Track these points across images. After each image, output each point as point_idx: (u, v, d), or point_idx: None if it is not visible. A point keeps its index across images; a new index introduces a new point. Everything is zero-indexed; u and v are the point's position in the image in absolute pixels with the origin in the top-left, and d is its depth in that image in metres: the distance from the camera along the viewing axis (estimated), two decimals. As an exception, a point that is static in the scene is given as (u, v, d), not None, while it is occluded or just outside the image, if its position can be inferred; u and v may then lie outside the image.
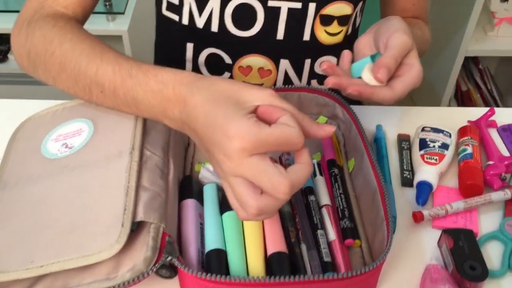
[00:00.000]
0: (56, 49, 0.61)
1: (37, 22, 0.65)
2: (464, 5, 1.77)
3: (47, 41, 0.62)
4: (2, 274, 0.51)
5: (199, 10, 0.75)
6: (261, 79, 0.80)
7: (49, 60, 0.61)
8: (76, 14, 0.69)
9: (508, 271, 0.58)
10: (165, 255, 0.51)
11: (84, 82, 0.58)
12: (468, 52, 1.87)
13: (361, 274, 0.51)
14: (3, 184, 0.60)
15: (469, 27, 1.78)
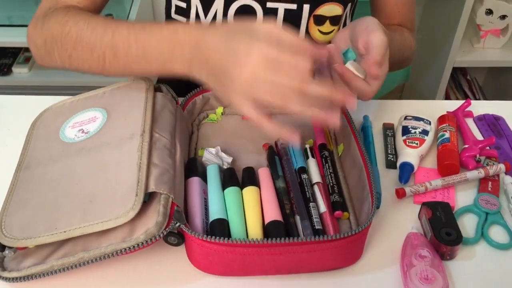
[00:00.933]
0: (72, 28, 0.67)
1: (52, 13, 0.71)
2: (451, 18, 1.85)
3: (62, 24, 0.68)
4: (29, 239, 0.57)
5: (204, 12, 0.82)
6: None
7: (65, 39, 0.67)
8: (88, 9, 0.75)
9: (481, 239, 0.65)
10: (174, 221, 0.57)
11: (99, 50, 0.65)
12: (456, 63, 1.94)
13: (349, 236, 0.57)
14: (26, 165, 0.67)
15: (456, 39, 1.86)
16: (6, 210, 0.61)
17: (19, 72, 1.84)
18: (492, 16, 1.87)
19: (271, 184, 0.67)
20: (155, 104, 0.69)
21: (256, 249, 0.57)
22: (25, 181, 0.65)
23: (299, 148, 0.72)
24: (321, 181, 0.68)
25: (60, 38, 0.68)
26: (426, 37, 2.13)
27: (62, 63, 0.70)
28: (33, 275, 0.57)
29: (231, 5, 0.81)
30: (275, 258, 0.58)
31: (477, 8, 1.87)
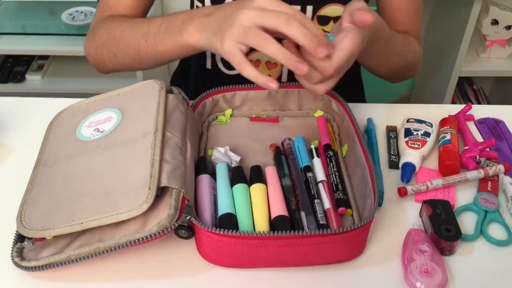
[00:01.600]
0: (116, 31, 0.80)
1: (100, 25, 0.84)
2: (457, 28, 1.88)
3: (108, 30, 0.81)
4: (48, 230, 0.60)
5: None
6: (269, 71, 0.90)
7: (111, 42, 0.80)
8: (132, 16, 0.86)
9: (480, 235, 0.67)
10: (185, 214, 0.60)
11: (135, 42, 0.77)
12: (462, 72, 1.96)
13: (352, 230, 0.60)
14: (44, 162, 0.70)
15: (462, 49, 1.88)
16: (25, 204, 0.64)
17: (32, 80, 1.89)
18: (497, 26, 1.89)
19: (278, 181, 0.69)
20: (167, 105, 0.72)
21: (263, 241, 0.59)
22: (43, 176, 0.68)
23: (305, 148, 0.75)
24: (326, 179, 0.71)
25: (107, 42, 0.81)
26: (432, 47, 2.16)
27: (112, 64, 0.84)
28: (51, 264, 0.60)
29: None
30: (281, 251, 0.61)
31: (482, 18, 1.90)
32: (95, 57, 0.87)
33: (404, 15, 0.90)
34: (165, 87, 0.74)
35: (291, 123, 0.82)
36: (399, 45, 0.82)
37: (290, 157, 0.74)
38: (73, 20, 1.79)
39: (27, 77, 1.89)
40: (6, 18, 1.84)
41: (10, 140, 0.81)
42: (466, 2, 1.78)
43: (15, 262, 0.61)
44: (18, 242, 0.63)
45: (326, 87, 0.68)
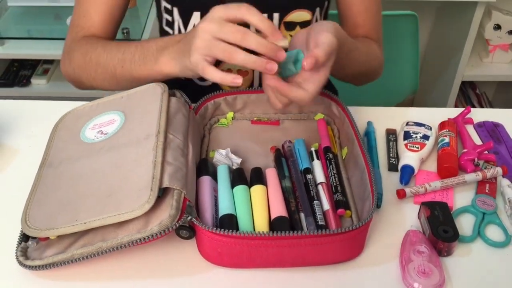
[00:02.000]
0: (92, 55, 0.82)
1: (74, 47, 0.87)
2: (460, 33, 1.88)
3: (83, 54, 0.83)
4: (52, 230, 0.61)
5: (184, 25, 0.89)
6: None
7: (88, 66, 0.83)
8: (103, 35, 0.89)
9: (478, 237, 0.68)
10: (186, 215, 0.61)
11: (112, 67, 0.80)
12: (465, 77, 1.97)
13: (350, 231, 0.61)
14: (48, 164, 0.71)
15: (465, 54, 1.89)
16: (30, 204, 0.66)
17: (38, 84, 1.91)
18: (500, 31, 1.90)
19: (278, 183, 0.70)
20: (170, 107, 0.73)
21: (262, 242, 0.60)
22: (48, 177, 0.69)
23: (305, 150, 0.76)
24: (325, 181, 0.72)
25: (84, 66, 0.84)
26: (435, 51, 2.17)
27: (91, 85, 0.87)
28: (55, 263, 0.61)
29: None
30: (280, 251, 0.61)
31: (485, 23, 1.91)
32: (73, 77, 0.90)
33: (363, 18, 0.92)
34: (168, 90, 0.76)
35: (292, 126, 0.83)
36: (364, 56, 0.84)
37: (290, 160, 0.75)
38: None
39: (33, 81, 1.91)
40: (11, 23, 1.86)
41: (15, 142, 0.82)
42: (468, 7, 1.79)
43: (20, 261, 0.62)
44: (23, 242, 0.64)
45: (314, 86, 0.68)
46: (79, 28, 0.89)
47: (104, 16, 0.89)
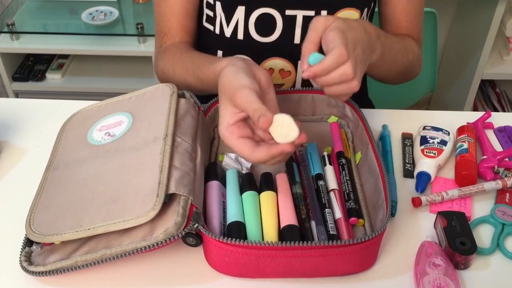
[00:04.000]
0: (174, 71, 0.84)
1: (162, 54, 0.88)
2: (480, 30, 1.84)
3: (168, 67, 0.86)
4: (56, 236, 0.60)
5: (226, 20, 0.86)
6: (282, 79, 0.89)
7: (171, 78, 0.85)
8: (183, 39, 0.90)
9: (497, 249, 0.65)
10: (193, 222, 0.59)
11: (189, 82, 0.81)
12: (484, 75, 1.93)
13: (363, 242, 0.58)
14: (55, 165, 0.70)
15: (485, 51, 1.85)
16: (35, 208, 0.64)
17: (53, 78, 1.90)
18: (522, 28, 1.85)
19: (288, 189, 0.68)
20: (178, 109, 0.71)
21: (271, 252, 0.58)
22: (53, 181, 0.68)
23: (317, 155, 0.74)
24: (338, 188, 0.70)
25: (167, 76, 0.86)
26: (454, 49, 2.13)
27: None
28: (58, 269, 0.60)
29: (252, 13, 0.84)
30: (290, 261, 0.59)
31: (506, 20, 1.86)
32: (161, 77, 0.90)
33: (407, 19, 0.90)
34: (177, 91, 0.74)
35: (304, 129, 0.80)
36: (398, 54, 0.82)
37: (302, 164, 0.72)
38: (93, 19, 1.80)
39: (47, 76, 1.90)
40: (27, 18, 1.86)
41: (23, 142, 0.81)
42: (490, 3, 1.74)
43: (23, 266, 0.61)
44: (27, 247, 0.63)
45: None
46: (162, 34, 0.91)
47: (180, 15, 0.89)
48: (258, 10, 0.83)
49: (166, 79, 0.87)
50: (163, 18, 0.90)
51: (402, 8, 0.89)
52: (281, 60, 0.87)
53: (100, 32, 1.77)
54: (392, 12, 0.90)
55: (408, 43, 0.88)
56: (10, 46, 1.77)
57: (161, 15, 0.90)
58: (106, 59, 1.88)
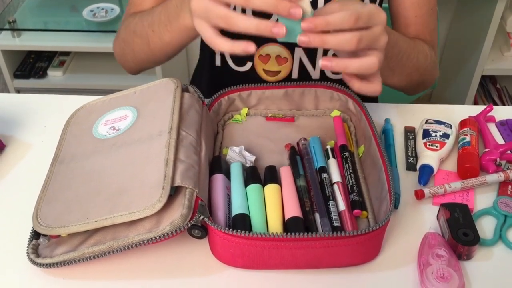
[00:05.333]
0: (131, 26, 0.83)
1: (122, 24, 0.88)
2: (481, 26, 1.85)
3: (127, 28, 0.85)
4: (63, 228, 0.60)
5: None
6: (279, 66, 0.89)
7: (130, 38, 0.84)
8: None
9: (500, 240, 0.66)
10: (198, 214, 0.60)
11: (145, 34, 0.79)
12: (485, 71, 1.94)
13: (367, 233, 0.59)
14: (61, 159, 0.71)
15: (485, 47, 1.85)
16: (41, 201, 0.65)
17: (54, 75, 1.91)
18: (523, 24, 1.86)
19: (292, 182, 0.69)
20: (183, 103, 0.72)
21: (276, 243, 0.59)
22: (59, 174, 0.68)
23: (321, 148, 0.74)
24: (341, 180, 0.70)
25: (126, 39, 0.85)
26: (455, 45, 2.13)
27: (132, 60, 0.87)
28: (65, 261, 0.60)
29: None
30: (294, 253, 0.60)
31: (507, 16, 1.87)
32: (120, 56, 0.90)
33: (417, 14, 0.86)
34: (181, 86, 0.74)
35: (307, 123, 0.82)
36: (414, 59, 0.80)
37: (306, 158, 0.73)
38: (94, 16, 1.80)
39: (49, 73, 1.91)
40: (28, 15, 1.86)
41: (28, 137, 0.82)
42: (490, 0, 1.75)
43: (30, 258, 0.62)
44: (34, 239, 0.64)
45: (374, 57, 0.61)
46: (132, 5, 0.90)
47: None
48: None
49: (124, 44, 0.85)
50: None
51: (410, 2, 0.85)
52: (278, 46, 0.87)
53: (101, 29, 1.78)
54: (400, 6, 0.86)
55: (419, 44, 0.84)
56: (12, 43, 1.78)
57: None
58: (108, 56, 1.88)
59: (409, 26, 0.87)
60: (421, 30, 0.87)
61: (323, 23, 0.58)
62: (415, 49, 0.82)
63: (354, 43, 0.59)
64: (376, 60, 0.61)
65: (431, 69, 0.87)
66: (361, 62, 0.61)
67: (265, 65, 0.90)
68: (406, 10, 0.86)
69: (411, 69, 0.82)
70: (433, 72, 0.89)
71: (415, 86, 0.89)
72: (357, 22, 0.58)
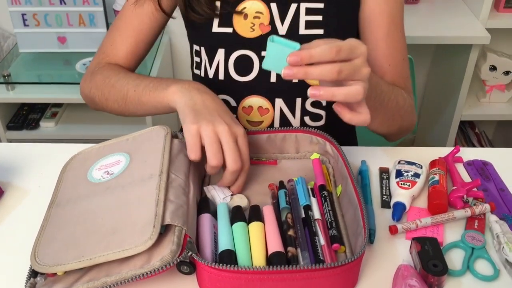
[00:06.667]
0: (112, 78, 0.93)
1: (98, 70, 0.97)
2: (457, 74, 1.94)
3: (105, 77, 0.93)
4: (60, 266, 0.65)
5: (209, 63, 0.95)
6: (261, 116, 0.96)
7: (105, 87, 0.93)
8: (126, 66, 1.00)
9: (467, 271, 0.71)
10: (187, 250, 0.64)
11: (126, 89, 0.89)
12: (463, 116, 2.01)
13: (343, 265, 0.64)
14: (57, 203, 0.75)
15: (462, 94, 1.93)
16: (39, 242, 0.69)
17: (46, 126, 1.96)
18: (496, 72, 1.95)
19: (274, 219, 0.74)
20: (172, 148, 0.77)
21: (259, 276, 0.63)
22: (56, 216, 0.73)
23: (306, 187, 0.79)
24: (321, 218, 0.75)
25: (101, 87, 0.93)
26: (434, 92, 2.22)
27: (101, 106, 0.97)
28: (61, 298, 0.64)
29: (231, 55, 0.93)
30: (277, 285, 0.64)
31: (481, 64, 1.96)
32: (88, 96, 1.00)
33: (390, 63, 0.93)
34: (171, 132, 0.80)
35: (289, 165, 0.87)
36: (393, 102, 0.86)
37: (292, 197, 0.78)
38: (86, 69, 1.87)
39: (41, 124, 1.96)
40: (22, 69, 1.92)
41: (25, 183, 0.87)
42: (464, 50, 1.85)
43: (28, 296, 0.65)
44: (32, 278, 0.67)
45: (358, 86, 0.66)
46: (105, 55, 0.99)
47: (130, 49, 0.98)
48: (236, 52, 0.93)
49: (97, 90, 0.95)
50: (113, 42, 1.00)
51: (382, 52, 0.93)
52: (259, 98, 0.95)
53: (94, 81, 1.84)
54: (374, 59, 0.93)
55: (397, 88, 0.90)
56: (5, 96, 1.84)
57: (112, 39, 1.00)
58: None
59: (385, 74, 0.94)
60: (396, 78, 0.94)
61: (307, 55, 0.64)
62: (394, 91, 0.88)
63: (335, 73, 0.64)
64: (361, 88, 0.66)
65: (410, 113, 0.94)
66: (347, 90, 0.66)
67: (248, 116, 0.96)
68: (380, 60, 0.94)
69: (393, 110, 0.88)
70: (411, 117, 0.95)
71: (397, 130, 0.96)
72: (338, 54, 0.64)
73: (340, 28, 0.92)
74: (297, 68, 0.65)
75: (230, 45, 0.93)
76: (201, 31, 0.95)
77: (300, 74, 0.65)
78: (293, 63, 0.64)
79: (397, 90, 0.90)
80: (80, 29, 1.88)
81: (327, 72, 0.64)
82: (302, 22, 0.91)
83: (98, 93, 0.95)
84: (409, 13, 1.86)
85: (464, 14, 1.87)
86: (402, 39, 0.95)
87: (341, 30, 0.92)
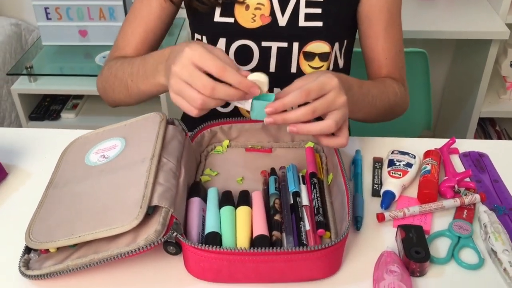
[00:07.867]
0: (114, 70, 0.94)
1: (106, 64, 0.99)
2: (476, 70, 1.91)
3: (110, 69, 0.96)
4: (51, 242, 0.68)
5: None
6: None
7: (111, 79, 0.95)
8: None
9: (452, 259, 0.71)
10: (172, 231, 0.66)
11: (125, 80, 0.90)
12: (482, 113, 1.99)
13: (326, 248, 0.65)
14: (55, 184, 0.78)
15: (481, 90, 1.91)
16: (34, 221, 0.72)
17: (67, 118, 2.01)
18: (517, 68, 1.92)
19: (262, 205, 0.75)
20: (166, 134, 0.80)
21: (241, 257, 0.65)
22: (52, 197, 0.76)
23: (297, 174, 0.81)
24: (309, 204, 0.76)
25: (109, 80, 0.95)
26: (453, 89, 2.20)
27: (112, 99, 0.99)
28: (51, 273, 0.67)
29: (231, 45, 0.95)
30: (259, 267, 0.66)
31: (501, 60, 1.93)
32: (102, 91, 1.01)
33: (387, 57, 0.97)
34: (166, 119, 0.82)
35: (283, 154, 0.89)
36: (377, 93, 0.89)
37: (282, 183, 0.79)
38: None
39: (62, 115, 2.02)
40: (46, 61, 1.98)
41: (29, 166, 0.90)
42: (484, 45, 1.82)
43: (21, 271, 0.68)
44: (26, 254, 0.71)
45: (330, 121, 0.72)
46: (117, 48, 1.01)
47: (139, 39, 1.00)
48: (237, 42, 0.95)
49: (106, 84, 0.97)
50: (124, 35, 1.01)
51: (381, 47, 0.97)
52: None
53: (112, 74, 1.89)
54: (372, 51, 0.98)
55: (389, 85, 0.95)
56: (28, 87, 1.90)
57: (124, 32, 1.02)
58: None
59: (382, 68, 0.98)
60: (391, 70, 0.98)
61: (281, 105, 0.70)
62: (385, 90, 0.93)
63: (310, 114, 0.70)
64: (332, 123, 0.72)
65: (402, 103, 0.98)
66: (320, 125, 0.72)
67: None
68: (378, 55, 0.98)
69: (384, 107, 0.93)
70: (403, 105, 0.99)
71: (389, 120, 1.01)
72: (308, 96, 0.70)
73: (338, 21, 0.94)
74: (276, 116, 0.71)
75: (231, 35, 0.95)
76: (203, 20, 0.97)
77: (280, 121, 0.72)
78: (270, 114, 0.71)
79: (389, 88, 0.94)
80: (100, 22, 1.92)
81: (302, 116, 0.71)
82: (302, 14, 0.93)
83: (108, 87, 0.97)
84: (427, 7, 1.87)
85: (484, 9, 1.85)
86: (399, 32, 0.98)
87: (339, 23, 0.94)
